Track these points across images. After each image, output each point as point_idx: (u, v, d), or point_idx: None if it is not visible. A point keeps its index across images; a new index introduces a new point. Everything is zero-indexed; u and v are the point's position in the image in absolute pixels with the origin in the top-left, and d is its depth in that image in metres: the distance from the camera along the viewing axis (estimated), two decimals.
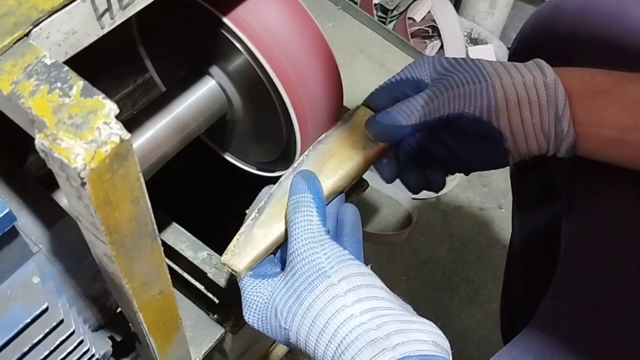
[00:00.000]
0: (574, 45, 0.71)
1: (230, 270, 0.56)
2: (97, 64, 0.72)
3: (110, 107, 0.32)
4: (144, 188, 0.36)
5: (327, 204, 0.59)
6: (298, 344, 0.52)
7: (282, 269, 0.56)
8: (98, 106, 0.32)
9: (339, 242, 0.55)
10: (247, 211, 0.60)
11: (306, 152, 0.60)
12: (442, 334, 0.51)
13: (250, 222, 0.57)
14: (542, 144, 0.58)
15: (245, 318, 0.56)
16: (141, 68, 0.72)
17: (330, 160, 0.59)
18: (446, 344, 0.51)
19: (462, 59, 0.60)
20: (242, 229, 0.57)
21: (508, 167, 0.90)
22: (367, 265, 0.55)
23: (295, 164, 0.59)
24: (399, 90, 0.63)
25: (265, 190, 0.59)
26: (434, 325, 0.51)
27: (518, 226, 0.98)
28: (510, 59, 0.84)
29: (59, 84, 0.33)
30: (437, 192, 0.64)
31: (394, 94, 0.63)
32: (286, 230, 0.56)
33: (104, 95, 0.32)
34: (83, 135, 0.31)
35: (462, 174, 0.66)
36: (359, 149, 0.60)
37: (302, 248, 0.52)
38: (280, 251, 0.59)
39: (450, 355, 0.51)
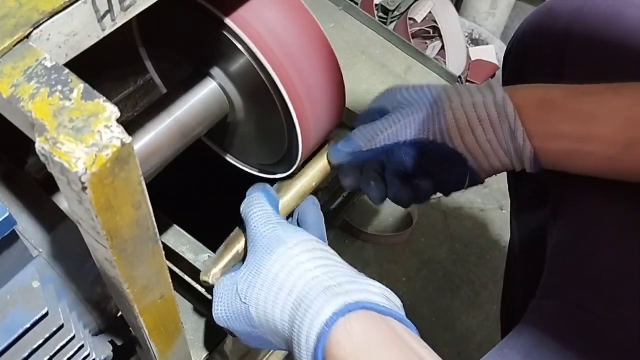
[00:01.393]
0: (569, 47, 0.71)
1: (207, 285, 0.63)
2: (97, 66, 0.72)
3: (112, 111, 0.31)
4: (146, 192, 0.35)
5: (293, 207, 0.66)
6: (259, 317, 0.55)
7: None
8: (99, 110, 0.31)
9: None
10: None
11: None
12: (393, 293, 0.55)
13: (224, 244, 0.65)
14: (504, 160, 0.61)
15: (213, 316, 0.59)
16: (142, 69, 0.72)
17: (293, 187, 0.66)
18: (398, 302, 0.55)
19: (422, 87, 0.64)
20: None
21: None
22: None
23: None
24: (369, 119, 0.66)
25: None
26: (384, 287, 0.55)
27: (516, 228, 0.98)
28: (505, 62, 0.85)
29: (59, 87, 0.32)
30: (421, 202, 0.69)
31: (365, 122, 0.66)
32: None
33: (105, 98, 0.32)
34: (84, 139, 0.30)
35: None
36: (315, 165, 0.66)
37: (262, 228, 0.58)
38: None
39: (403, 311, 0.55)
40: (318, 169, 0.67)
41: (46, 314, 0.41)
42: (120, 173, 0.32)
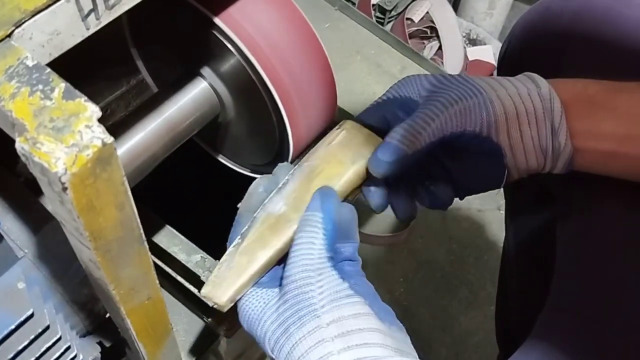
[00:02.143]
0: (565, 47, 0.70)
1: (212, 304, 0.50)
2: (90, 65, 0.72)
3: (93, 110, 0.31)
4: (129, 193, 0.35)
5: None
6: None
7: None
8: (80, 109, 0.31)
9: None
10: (238, 205, 0.55)
11: (291, 171, 0.55)
12: None
13: (233, 248, 0.52)
14: (540, 159, 0.57)
15: (241, 323, 0.53)
16: (134, 69, 0.72)
17: (317, 178, 0.55)
18: None
19: (451, 75, 0.58)
20: (224, 257, 0.52)
21: None
22: (364, 270, 0.52)
23: (280, 184, 0.55)
24: (388, 111, 0.59)
25: (257, 183, 0.56)
26: None
27: (512, 231, 0.98)
28: (500, 62, 0.83)
29: (40, 86, 0.32)
30: (444, 208, 0.61)
31: (383, 114, 0.60)
32: (277, 254, 0.52)
33: (86, 98, 0.31)
34: (64, 139, 0.30)
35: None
36: (347, 164, 0.56)
37: (297, 276, 0.48)
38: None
39: None
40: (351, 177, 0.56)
41: (31, 315, 0.41)
42: (101, 173, 0.31)
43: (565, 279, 0.63)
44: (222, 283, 0.50)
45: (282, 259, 0.52)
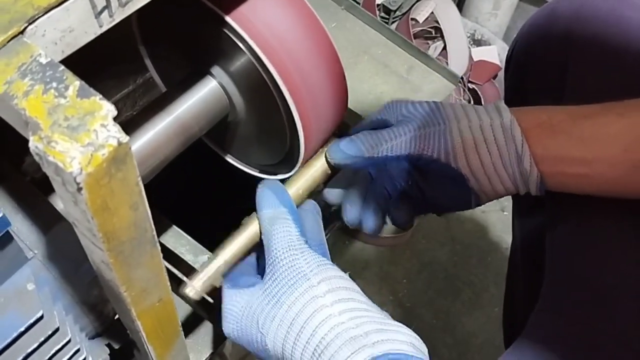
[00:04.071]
0: (571, 49, 0.70)
1: (186, 296, 0.60)
2: (97, 63, 0.71)
3: (108, 109, 0.30)
4: (143, 193, 0.34)
5: None
6: (275, 350, 0.53)
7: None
8: (95, 107, 0.30)
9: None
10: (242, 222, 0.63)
11: None
12: (419, 338, 0.53)
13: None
14: (507, 184, 0.60)
15: (223, 329, 0.57)
16: (141, 67, 0.71)
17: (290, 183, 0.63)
18: (424, 348, 0.52)
19: (427, 102, 0.63)
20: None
21: None
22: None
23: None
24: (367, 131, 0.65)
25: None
26: (411, 331, 0.52)
27: (518, 230, 0.98)
28: (507, 64, 0.84)
29: (54, 84, 0.31)
30: (403, 228, 0.68)
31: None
32: (245, 245, 0.61)
33: (101, 96, 0.31)
34: (79, 138, 0.29)
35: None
36: (310, 170, 0.64)
37: (283, 255, 0.54)
38: (258, 263, 0.61)
39: (428, 358, 0.52)
40: (318, 169, 0.65)
41: (41, 317, 0.40)
42: (116, 173, 0.31)
43: (554, 280, 0.64)
44: (198, 275, 0.62)
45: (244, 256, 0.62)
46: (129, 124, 0.56)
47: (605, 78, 0.63)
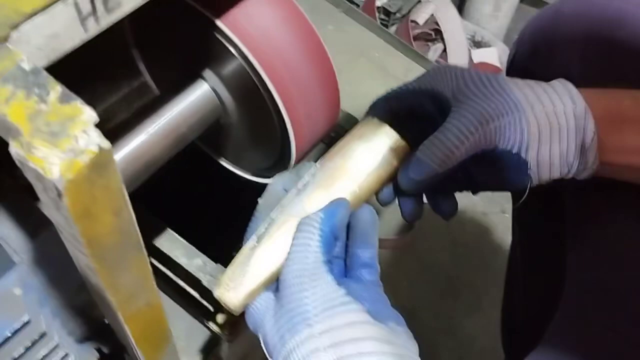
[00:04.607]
0: (576, 50, 0.70)
1: (224, 306, 0.50)
2: (91, 67, 0.71)
3: (89, 114, 0.30)
4: (127, 198, 0.34)
5: None
6: None
7: None
8: (76, 113, 0.30)
9: (348, 250, 0.51)
10: (259, 199, 0.54)
11: (312, 171, 0.54)
12: None
13: (249, 251, 0.51)
14: (564, 171, 0.57)
15: (247, 323, 0.52)
16: (136, 71, 0.71)
17: (338, 182, 0.54)
18: None
19: (486, 77, 0.56)
20: (239, 257, 0.51)
21: None
22: (381, 285, 0.51)
23: (299, 185, 0.54)
24: (417, 101, 0.59)
25: (277, 179, 0.54)
26: None
27: (520, 236, 0.97)
28: (510, 66, 0.83)
29: (36, 90, 0.31)
30: (447, 218, 0.62)
31: (410, 104, 0.59)
32: None
33: (82, 101, 0.31)
34: (59, 144, 0.29)
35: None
36: (370, 169, 0.55)
37: (292, 281, 0.47)
38: None
39: None
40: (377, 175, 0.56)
41: (27, 322, 0.40)
42: (98, 179, 0.31)
43: (577, 288, 0.63)
44: (237, 287, 0.49)
45: None
46: (122, 127, 0.56)
47: (612, 79, 0.61)
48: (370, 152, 0.56)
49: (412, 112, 0.59)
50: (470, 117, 0.53)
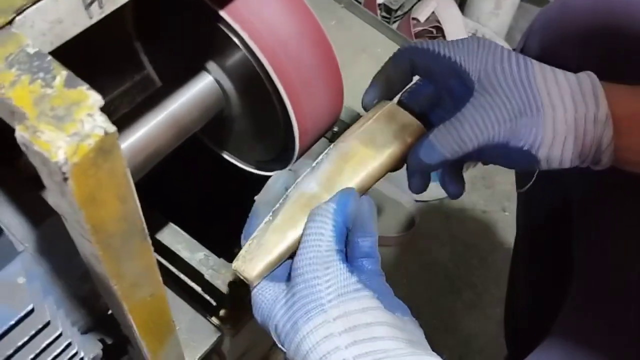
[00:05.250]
0: (585, 43, 0.70)
1: (242, 278, 0.52)
2: (94, 60, 0.71)
3: (95, 99, 0.30)
4: (132, 185, 0.34)
5: None
6: None
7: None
8: (82, 97, 0.30)
9: (348, 240, 0.51)
10: (255, 197, 0.56)
11: (326, 151, 0.56)
12: None
13: (264, 225, 0.53)
14: (575, 163, 0.57)
15: (254, 315, 0.53)
16: (139, 64, 0.71)
17: (351, 161, 0.56)
18: None
19: (516, 61, 0.56)
20: (255, 232, 0.53)
21: (513, 170, 0.89)
22: (383, 274, 0.51)
23: (314, 164, 0.56)
24: (440, 69, 0.58)
25: (276, 176, 0.55)
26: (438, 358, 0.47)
27: (523, 229, 0.97)
28: None
29: (41, 74, 0.31)
30: (453, 198, 0.63)
31: (433, 70, 0.59)
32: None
33: (88, 86, 0.31)
34: (65, 127, 0.29)
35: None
36: (384, 147, 0.57)
37: (305, 268, 0.49)
38: None
39: None
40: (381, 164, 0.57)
41: (31, 311, 0.40)
42: (103, 164, 0.31)
43: (587, 280, 0.63)
44: (253, 259, 0.51)
45: None
46: (124, 118, 0.56)
47: (624, 72, 0.60)
48: (383, 132, 0.58)
49: (433, 75, 0.60)
50: (490, 112, 0.54)
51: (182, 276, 0.72)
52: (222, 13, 0.53)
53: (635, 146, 0.55)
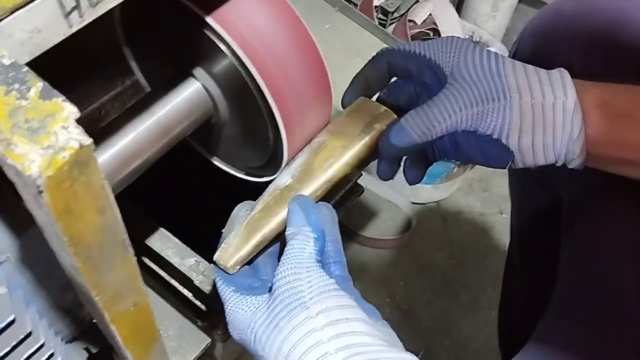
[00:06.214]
0: (577, 50, 0.69)
1: (221, 268, 0.56)
2: (84, 65, 0.70)
3: (70, 111, 0.30)
4: (111, 196, 0.34)
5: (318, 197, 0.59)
6: None
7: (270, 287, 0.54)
8: (57, 109, 0.30)
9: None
10: (222, 230, 0.59)
11: (303, 149, 0.60)
12: None
13: (243, 219, 0.57)
14: (550, 159, 0.58)
15: (230, 332, 0.55)
16: (129, 69, 0.71)
17: (322, 151, 0.59)
18: None
19: (487, 57, 0.59)
20: (236, 227, 0.57)
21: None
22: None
23: (291, 161, 0.59)
24: (416, 66, 0.61)
25: (239, 207, 0.59)
26: (415, 358, 0.49)
27: (517, 234, 0.97)
28: None
29: (16, 86, 0.31)
30: (410, 184, 0.66)
31: (410, 68, 0.61)
32: (281, 223, 0.56)
33: (64, 97, 0.30)
34: (39, 140, 0.29)
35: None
36: (355, 136, 0.60)
37: (287, 272, 0.51)
38: (266, 266, 0.58)
39: None
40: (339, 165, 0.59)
41: (13, 321, 0.40)
42: (79, 176, 0.30)
43: (568, 286, 0.63)
44: (229, 249, 0.56)
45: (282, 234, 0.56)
46: (110, 125, 0.55)
47: (613, 79, 0.61)
48: (355, 123, 0.61)
49: (410, 74, 0.62)
50: (458, 97, 0.57)
51: (172, 282, 0.71)
52: (209, 19, 0.53)
53: (602, 137, 0.56)
